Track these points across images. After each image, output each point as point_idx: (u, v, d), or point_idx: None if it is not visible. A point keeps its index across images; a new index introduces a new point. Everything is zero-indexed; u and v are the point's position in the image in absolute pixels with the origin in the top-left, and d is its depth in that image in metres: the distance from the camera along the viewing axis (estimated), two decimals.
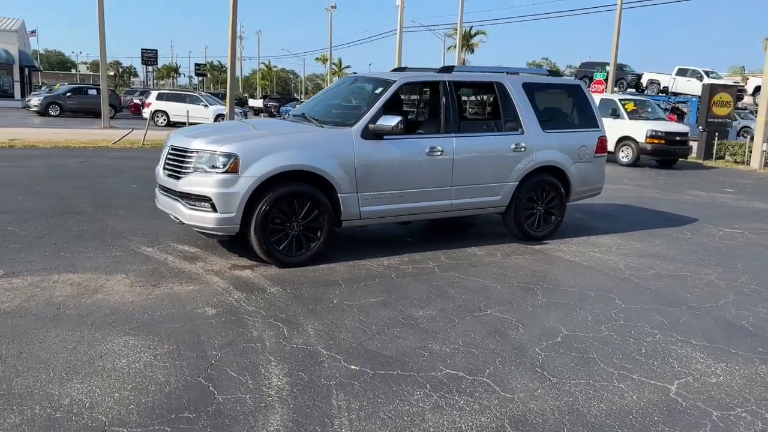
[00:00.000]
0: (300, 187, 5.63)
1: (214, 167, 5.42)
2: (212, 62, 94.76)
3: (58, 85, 40.72)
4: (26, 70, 47.30)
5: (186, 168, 5.59)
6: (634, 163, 17.61)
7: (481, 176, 6.65)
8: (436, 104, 6.67)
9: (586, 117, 7.56)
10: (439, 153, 6.31)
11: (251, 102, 52.84)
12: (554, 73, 7.83)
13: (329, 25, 51.96)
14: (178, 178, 5.65)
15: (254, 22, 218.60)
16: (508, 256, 6.50)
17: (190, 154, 5.58)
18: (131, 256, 5.86)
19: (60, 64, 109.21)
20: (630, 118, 18.01)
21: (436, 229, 7.80)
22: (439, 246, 6.75)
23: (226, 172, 5.39)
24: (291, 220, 5.65)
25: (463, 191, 6.57)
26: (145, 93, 39.00)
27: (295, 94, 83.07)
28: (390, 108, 6.18)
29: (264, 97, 53.44)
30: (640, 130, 17.50)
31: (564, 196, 7.30)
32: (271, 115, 45.05)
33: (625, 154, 17.88)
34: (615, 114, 18.15)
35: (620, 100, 18.75)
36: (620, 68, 33.40)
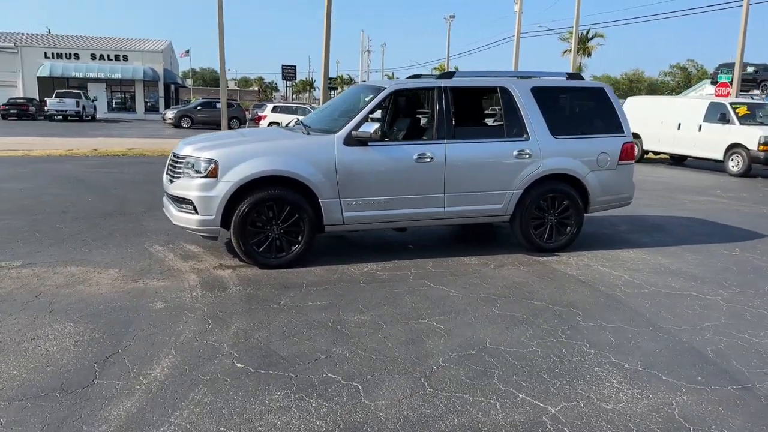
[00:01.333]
0: (278, 191, 5.84)
1: (198, 172, 5.80)
2: (342, 76, 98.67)
3: (193, 99, 44.60)
4: (172, 86, 52.34)
5: (178, 172, 6.03)
6: (746, 173, 15.94)
7: (477, 184, 6.47)
8: (431, 111, 6.60)
9: (608, 122, 7.06)
10: (428, 160, 6.24)
11: None
12: (575, 76, 7.38)
13: (447, 35, 52.02)
14: (172, 182, 6.12)
15: (380, 36, 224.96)
16: (502, 266, 6.25)
17: (181, 160, 6.02)
18: (138, 253, 6.41)
19: (213, 80, 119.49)
20: (741, 124, 16.33)
21: (447, 237, 7.67)
22: (437, 254, 6.66)
23: (206, 176, 5.75)
24: (271, 223, 5.89)
25: (457, 199, 6.43)
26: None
27: None
28: (396, 114, 6.14)
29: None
30: (752, 136, 15.82)
31: (580, 206, 6.87)
32: None
33: (735, 163, 16.24)
34: (724, 119, 16.59)
35: (731, 103, 17.06)
36: (766, 69, 30.35)
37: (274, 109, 30.56)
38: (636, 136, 20.05)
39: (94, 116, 39.89)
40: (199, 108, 34.75)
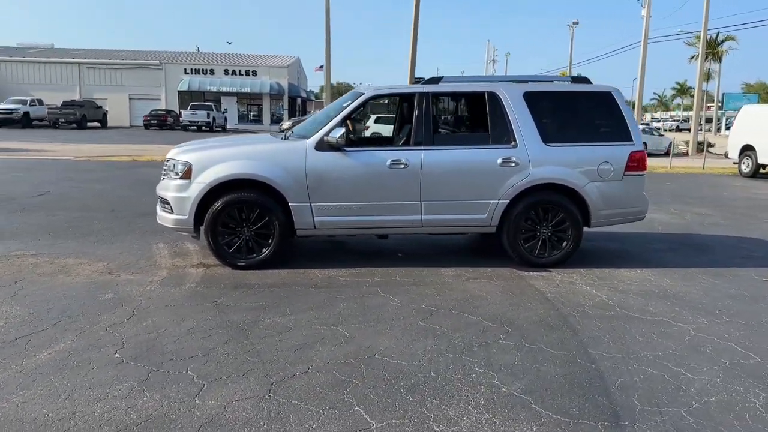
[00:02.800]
0: (248, 194, 6.01)
1: (176, 174, 6.13)
2: None
3: (312, 111, 46.71)
4: (298, 99, 55.16)
5: (163, 174, 6.41)
6: None
7: (457, 192, 6.21)
8: (410, 116, 6.45)
9: (615, 129, 6.46)
10: (402, 166, 6.10)
11: None
12: (581, 79, 6.80)
13: (570, 42, 50.04)
14: (159, 183, 6.52)
15: (505, 45, 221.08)
16: (474, 279, 5.94)
17: (166, 163, 6.39)
18: (140, 249, 6.88)
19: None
20: None
21: (443, 246, 7.40)
22: (418, 263, 6.48)
23: (181, 178, 6.06)
24: (242, 225, 6.07)
25: (435, 207, 6.21)
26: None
27: None
28: (403, 121, 6.07)
29: None
30: None
31: (578, 220, 6.34)
32: None
33: None
34: None
35: None
36: None
37: (377, 120, 31.12)
38: (749, 147, 18.10)
39: (224, 127, 43.05)
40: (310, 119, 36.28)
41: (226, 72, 49.28)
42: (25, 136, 29.17)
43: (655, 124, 57.22)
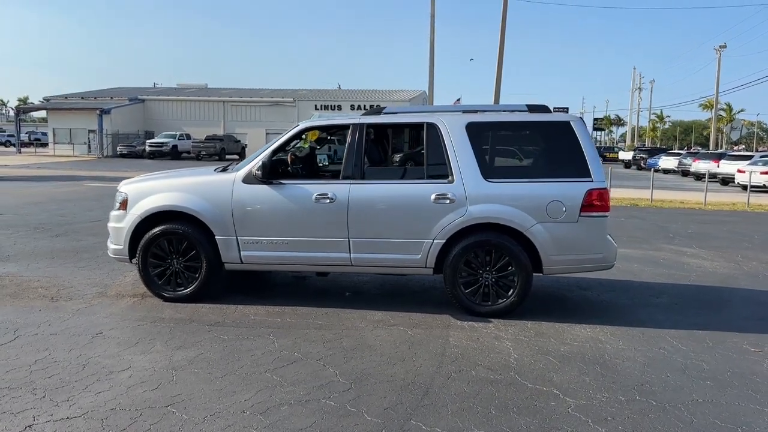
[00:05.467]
0: (175, 226, 6.00)
1: (117, 204, 6.30)
2: (609, 116, 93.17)
3: None
4: None
5: None
6: None
7: (387, 230, 5.73)
8: (342, 149, 6.07)
9: (571, 164, 5.59)
10: (328, 200, 5.76)
11: (621, 155, 50.19)
12: (539, 108, 5.94)
13: (717, 67, 45.48)
14: None
15: (651, 73, 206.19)
16: (393, 326, 5.39)
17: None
18: (111, 275, 7.13)
19: None
20: None
21: (402, 285, 6.83)
22: (356, 304, 6.05)
23: (119, 209, 6.22)
24: (172, 257, 6.08)
25: (364, 245, 5.78)
26: None
27: (689, 146, 74.79)
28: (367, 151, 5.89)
29: (635, 149, 50.04)
30: None
31: (525, 265, 5.55)
32: (639, 168, 42.07)
33: None
34: None
35: None
36: None
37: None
38: None
39: None
40: None
41: (352, 107, 51.13)
42: (155, 166, 32.30)
43: None
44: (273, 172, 6.01)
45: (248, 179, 5.93)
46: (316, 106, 51.64)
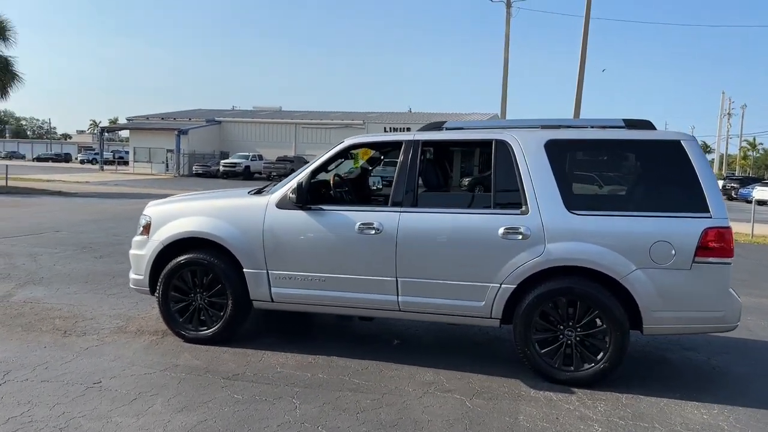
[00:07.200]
0: (199, 256, 5.19)
1: (140, 229, 5.56)
2: None
3: None
4: None
5: None
6: None
7: (441, 270, 4.68)
8: (393, 170, 5.07)
9: (682, 194, 4.36)
10: (374, 231, 4.79)
11: None
12: (640, 123, 4.74)
13: None
14: None
15: (742, 97, 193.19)
16: (446, 392, 4.31)
17: None
18: (135, 307, 6.42)
19: None
20: None
21: (461, 336, 5.72)
22: (403, 358, 5.01)
23: (142, 234, 5.48)
24: (196, 291, 5.26)
25: (415, 287, 4.75)
26: None
27: None
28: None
29: (724, 178, 46.53)
30: None
31: (620, 321, 4.35)
32: (730, 199, 38.99)
33: None
34: None
35: None
36: None
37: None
38: None
39: None
40: None
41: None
42: (228, 185, 32.45)
43: None
44: (313, 195, 5.11)
45: (283, 203, 5.06)
46: (385, 128, 51.22)
